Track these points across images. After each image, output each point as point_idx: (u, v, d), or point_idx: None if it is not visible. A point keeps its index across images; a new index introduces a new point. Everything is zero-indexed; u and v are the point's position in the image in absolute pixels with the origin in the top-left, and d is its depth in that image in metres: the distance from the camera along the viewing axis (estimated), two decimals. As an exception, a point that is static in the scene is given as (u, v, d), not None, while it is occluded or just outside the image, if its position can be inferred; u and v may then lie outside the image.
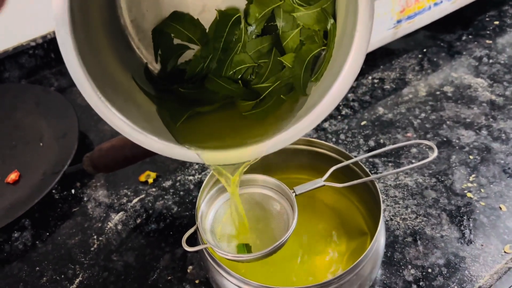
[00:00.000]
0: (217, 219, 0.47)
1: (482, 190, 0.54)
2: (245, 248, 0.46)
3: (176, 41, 0.45)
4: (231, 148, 0.39)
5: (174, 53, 0.46)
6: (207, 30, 0.45)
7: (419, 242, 0.50)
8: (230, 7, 0.45)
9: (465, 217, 0.51)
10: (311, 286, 0.40)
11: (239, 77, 0.45)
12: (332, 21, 0.40)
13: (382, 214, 0.44)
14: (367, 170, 0.47)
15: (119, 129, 0.35)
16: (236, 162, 0.41)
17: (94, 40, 0.37)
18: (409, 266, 0.48)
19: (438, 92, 0.68)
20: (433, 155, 0.46)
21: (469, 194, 0.54)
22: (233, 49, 0.44)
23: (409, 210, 0.53)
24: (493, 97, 0.66)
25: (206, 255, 0.43)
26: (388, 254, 0.49)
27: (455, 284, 0.46)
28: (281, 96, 0.42)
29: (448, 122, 0.63)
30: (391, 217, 0.52)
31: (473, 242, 0.49)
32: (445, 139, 0.61)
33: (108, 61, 0.40)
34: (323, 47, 0.41)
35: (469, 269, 0.47)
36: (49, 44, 0.78)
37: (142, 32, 0.45)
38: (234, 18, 0.44)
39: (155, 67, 0.47)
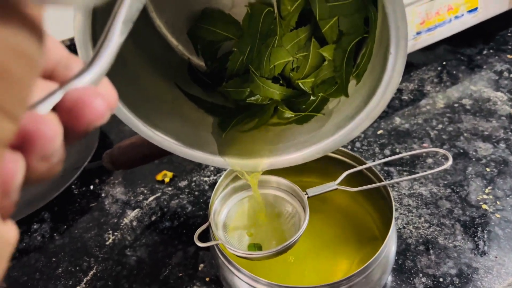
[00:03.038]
0: (229, 217, 0.47)
1: (498, 202, 0.53)
2: (256, 247, 0.47)
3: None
4: (263, 157, 0.40)
5: (212, 49, 0.46)
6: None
7: (431, 251, 0.49)
8: (260, 1, 0.44)
9: (479, 229, 0.51)
10: (320, 286, 0.40)
11: (278, 73, 0.43)
12: (372, 8, 0.37)
13: (394, 219, 0.44)
14: (381, 175, 0.47)
15: (162, 146, 0.36)
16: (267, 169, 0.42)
17: (129, 64, 0.38)
18: (420, 275, 0.47)
19: (456, 105, 0.68)
20: (448, 163, 0.46)
21: (484, 206, 0.53)
22: (269, 44, 0.43)
23: (422, 219, 0.53)
24: (513, 111, 0.65)
25: (217, 251, 0.44)
26: (400, 262, 0.49)
27: (466, 294, 0.45)
28: (324, 95, 0.40)
29: (465, 134, 0.63)
30: (404, 225, 0.52)
31: (487, 254, 0.49)
32: (461, 150, 0.60)
33: (147, 80, 0.40)
34: (365, 35, 0.39)
35: (482, 281, 0.46)
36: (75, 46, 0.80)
37: (178, 30, 0.46)
38: (266, 12, 0.43)
39: (199, 62, 0.48)
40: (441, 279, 0.47)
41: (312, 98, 0.41)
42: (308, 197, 0.46)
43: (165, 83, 0.42)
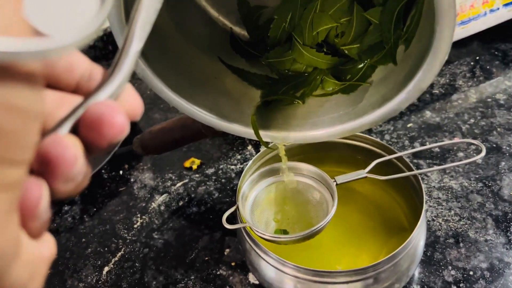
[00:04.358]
0: (256, 202, 0.47)
1: (532, 198, 0.52)
2: (282, 233, 0.47)
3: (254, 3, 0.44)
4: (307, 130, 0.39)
5: (253, 16, 0.45)
6: None
7: (461, 244, 0.48)
8: None
9: (512, 223, 0.50)
10: (348, 271, 0.39)
11: (322, 39, 0.41)
12: None
13: (424, 210, 0.43)
14: (411, 165, 0.47)
15: (207, 122, 0.37)
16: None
17: (168, 42, 0.38)
18: (449, 267, 0.47)
19: (489, 99, 0.66)
20: (481, 154, 0.45)
21: (517, 201, 0.52)
22: (310, 9, 0.41)
23: (453, 212, 0.52)
24: (549, 107, 0.63)
25: (244, 234, 0.44)
26: (428, 254, 0.48)
27: (498, 288, 0.44)
28: (371, 61, 0.38)
29: (498, 129, 0.61)
30: (433, 217, 0.51)
31: (519, 249, 0.47)
32: (494, 145, 0.59)
33: (188, 56, 0.40)
34: None
35: (514, 275, 0.45)
36: (108, 36, 0.82)
37: (218, 1, 0.45)
38: None
39: (241, 31, 0.46)
40: (471, 272, 0.46)
41: (358, 65, 0.39)
42: (336, 184, 0.46)
43: (207, 58, 0.42)
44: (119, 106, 0.17)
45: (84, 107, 0.17)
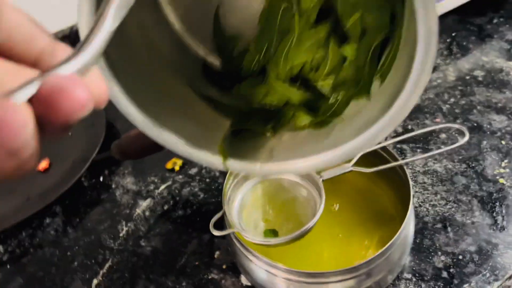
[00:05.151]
0: (243, 204, 0.47)
1: (515, 176, 0.52)
2: (272, 233, 0.46)
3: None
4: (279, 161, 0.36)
5: (228, 45, 0.44)
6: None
7: (449, 228, 0.49)
8: None
9: (497, 204, 0.50)
10: (341, 270, 0.39)
11: (296, 73, 0.40)
12: (399, 2, 0.35)
13: (412, 200, 0.43)
14: (396, 154, 0.46)
15: (171, 147, 0.34)
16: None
17: (138, 58, 0.36)
18: (439, 253, 0.47)
19: (468, 77, 0.66)
20: (465, 138, 0.45)
21: (501, 180, 0.52)
22: (286, 42, 0.40)
23: (439, 196, 0.52)
24: (526, 81, 0.64)
25: (234, 239, 0.43)
26: (417, 241, 0.48)
27: (487, 271, 0.45)
28: (345, 97, 0.37)
29: (478, 107, 0.61)
30: (420, 203, 0.52)
31: (506, 229, 0.48)
32: (475, 124, 0.59)
33: (158, 78, 0.39)
34: (389, 32, 0.36)
35: (502, 256, 0.46)
36: (76, 34, 0.79)
37: (193, 28, 0.44)
38: (284, 7, 0.40)
39: (214, 61, 0.45)
40: (460, 257, 0.46)
41: (331, 100, 0.38)
42: (323, 180, 0.45)
43: (178, 82, 0.40)
44: (82, 81, 0.16)
45: (43, 78, 0.15)
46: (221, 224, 0.46)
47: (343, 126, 0.35)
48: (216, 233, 0.42)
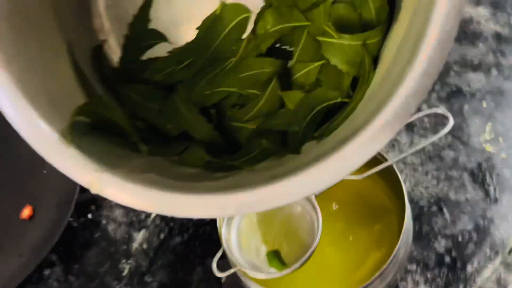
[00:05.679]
0: (240, 233, 0.46)
1: (500, 140, 0.52)
2: (275, 255, 0.46)
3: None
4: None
5: (142, 42, 0.37)
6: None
7: (444, 209, 0.49)
8: (239, 3, 0.35)
9: (487, 174, 0.51)
10: None
11: (214, 102, 0.34)
12: (371, 66, 0.31)
13: (406, 198, 0.43)
14: (385, 155, 0.45)
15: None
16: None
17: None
18: (439, 237, 0.48)
19: (439, 34, 0.64)
20: (449, 124, 0.44)
21: (488, 148, 0.52)
22: (221, 63, 0.35)
23: (430, 175, 0.52)
24: (498, 29, 0.62)
25: (239, 275, 0.43)
26: (417, 228, 0.49)
27: (487, 248, 0.46)
28: (265, 148, 0.32)
29: (455, 68, 0.60)
30: (413, 187, 0.52)
31: (498, 200, 0.49)
32: (454, 88, 0.58)
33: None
34: (345, 99, 0.32)
35: (499, 230, 0.47)
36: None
37: None
38: (240, 19, 0.34)
39: (113, 51, 0.37)
40: (459, 238, 0.47)
41: (247, 148, 0.32)
42: (316, 197, 0.44)
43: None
44: None
45: None
46: (224, 265, 0.46)
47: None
48: (219, 274, 0.42)
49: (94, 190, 0.26)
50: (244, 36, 0.35)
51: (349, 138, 0.25)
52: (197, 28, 0.36)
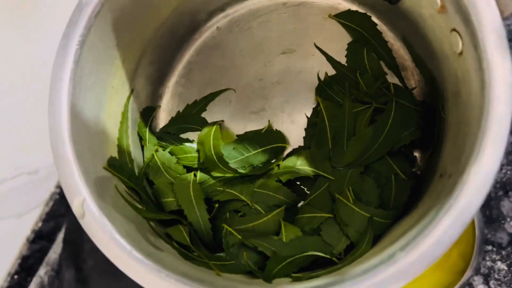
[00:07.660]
0: None
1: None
2: None
3: None
4: None
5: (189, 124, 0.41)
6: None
7: (510, 193, 0.56)
8: (283, 134, 0.40)
9: (546, 155, 0.56)
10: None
11: (220, 199, 0.37)
12: (370, 240, 0.33)
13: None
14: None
15: None
16: None
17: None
18: (508, 219, 0.55)
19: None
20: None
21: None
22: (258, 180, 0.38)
23: (492, 162, 0.58)
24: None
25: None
26: (487, 213, 0.56)
27: (553, 224, 0.53)
28: (243, 263, 0.34)
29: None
30: (478, 175, 0.58)
31: (559, 178, 0.55)
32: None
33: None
34: (334, 259, 0.34)
35: (562, 205, 0.54)
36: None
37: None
38: (278, 146, 0.39)
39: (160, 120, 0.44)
40: (527, 218, 0.55)
41: (227, 253, 0.35)
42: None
43: None
44: None
45: None
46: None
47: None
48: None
49: None
50: (273, 161, 0.39)
51: None
52: (237, 135, 0.41)
